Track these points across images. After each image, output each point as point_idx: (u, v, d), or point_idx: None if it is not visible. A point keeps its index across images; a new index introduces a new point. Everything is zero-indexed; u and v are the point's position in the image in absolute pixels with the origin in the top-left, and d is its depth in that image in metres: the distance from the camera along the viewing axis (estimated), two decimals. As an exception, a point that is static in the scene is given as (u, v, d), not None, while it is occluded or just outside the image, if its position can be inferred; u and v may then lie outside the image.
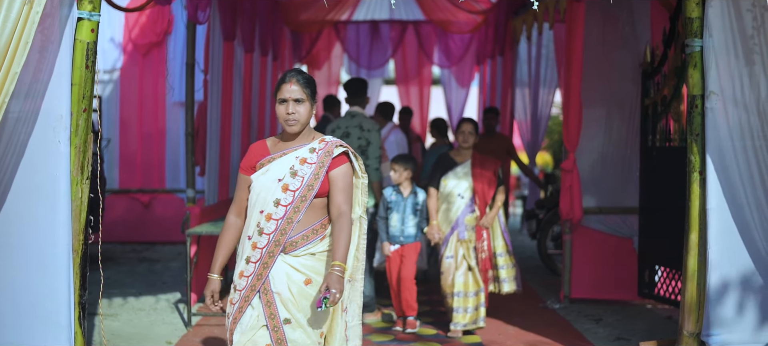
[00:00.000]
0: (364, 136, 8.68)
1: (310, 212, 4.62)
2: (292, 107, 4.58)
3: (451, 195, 8.26)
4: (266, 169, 4.65)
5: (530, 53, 13.22)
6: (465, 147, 8.32)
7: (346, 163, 4.69)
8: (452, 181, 8.27)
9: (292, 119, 4.60)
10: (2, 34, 4.97)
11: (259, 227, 4.60)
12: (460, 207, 8.22)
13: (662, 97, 8.45)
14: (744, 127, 6.01)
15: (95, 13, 5.58)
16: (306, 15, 14.50)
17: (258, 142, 4.83)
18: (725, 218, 6.06)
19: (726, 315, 6.14)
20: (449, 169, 8.30)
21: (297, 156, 4.63)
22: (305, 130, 4.68)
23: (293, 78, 4.63)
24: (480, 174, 8.24)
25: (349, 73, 17.21)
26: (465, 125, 8.34)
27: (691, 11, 6.06)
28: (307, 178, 4.59)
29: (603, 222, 9.49)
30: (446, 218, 8.25)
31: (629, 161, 9.45)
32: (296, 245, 4.60)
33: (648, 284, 9.06)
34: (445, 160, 8.34)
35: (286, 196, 4.58)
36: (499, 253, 8.39)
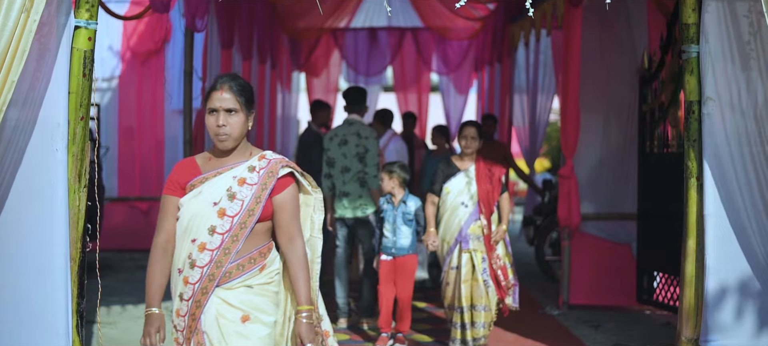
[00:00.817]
0: (362, 143, 8.68)
1: (250, 240, 4.05)
2: (223, 119, 3.98)
3: (454, 203, 7.77)
4: (198, 192, 4.06)
5: (528, 60, 13.24)
6: (468, 152, 7.81)
7: (293, 185, 4.14)
8: (455, 188, 7.78)
9: (223, 133, 4.01)
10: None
11: (191, 259, 4.01)
12: (464, 216, 7.71)
13: (660, 103, 8.46)
14: (741, 132, 6.01)
15: (92, 22, 5.57)
16: (304, 22, 14.54)
17: (185, 159, 4.24)
18: (723, 224, 6.05)
19: (724, 321, 6.13)
20: (451, 175, 7.82)
21: (234, 176, 4.05)
22: (241, 145, 4.10)
23: (225, 84, 4.03)
24: (485, 181, 7.75)
25: (348, 81, 17.23)
26: (468, 129, 7.83)
27: (687, 17, 6.05)
28: (247, 201, 4.01)
29: (601, 228, 9.49)
30: (449, 228, 7.78)
31: (627, 167, 9.46)
32: (230, 275, 4.02)
33: (646, 289, 9.07)
34: (447, 166, 7.90)
35: (222, 222, 3.99)
36: None
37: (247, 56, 10.80)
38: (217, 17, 9.39)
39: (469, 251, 7.69)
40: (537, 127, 13.34)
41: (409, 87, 17.21)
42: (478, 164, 7.81)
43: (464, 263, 7.67)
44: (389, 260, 7.89)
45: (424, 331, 8.48)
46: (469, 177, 7.79)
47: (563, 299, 9.40)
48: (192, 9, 8.46)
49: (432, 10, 14.54)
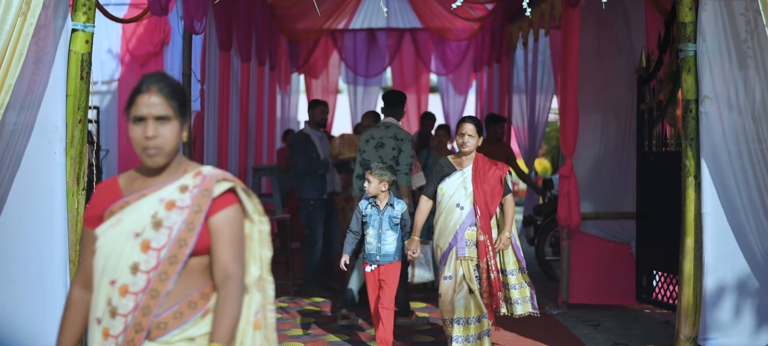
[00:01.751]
0: (398, 146, 8.70)
1: (185, 279, 3.18)
2: (152, 129, 3.14)
3: (449, 205, 7.20)
4: (117, 220, 3.19)
5: (527, 60, 13.24)
6: (465, 151, 7.24)
7: (234, 205, 3.24)
8: (450, 189, 7.22)
9: (152, 147, 3.15)
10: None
11: (111, 306, 3.14)
12: (460, 220, 7.15)
13: (658, 102, 8.46)
14: (739, 130, 6.02)
15: (89, 25, 5.60)
16: (303, 24, 14.55)
17: (106, 180, 3.40)
18: (721, 222, 6.07)
19: (722, 319, 6.15)
20: (447, 175, 7.26)
21: (161, 198, 3.19)
22: (174, 160, 3.26)
23: (153, 86, 3.17)
24: (482, 182, 7.16)
25: (347, 82, 17.23)
26: (465, 125, 7.25)
27: (684, 16, 6.07)
28: (176, 229, 3.16)
29: (600, 228, 9.49)
30: (444, 232, 7.21)
31: (626, 167, 9.45)
32: (165, 327, 3.15)
33: (646, 288, 9.07)
34: (442, 165, 7.36)
35: (147, 258, 3.14)
36: (509, 271, 7.33)
37: (245, 58, 10.81)
38: (216, 20, 9.41)
39: (465, 260, 7.15)
40: (536, 127, 13.35)
41: (408, 88, 17.22)
42: (475, 163, 7.24)
43: (460, 273, 7.14)
44: (373, 270, 7.33)
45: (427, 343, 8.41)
46: (464, 177, 7.22)
47: (563, 298, 9.40)
48: (190, 12, 8.48)
49: (431, 10, 14.56)
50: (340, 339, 8.13)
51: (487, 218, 7.16)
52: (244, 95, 11.07)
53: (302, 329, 8.49)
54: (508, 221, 7.25)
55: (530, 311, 7.35)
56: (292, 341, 7.95)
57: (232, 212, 3.23)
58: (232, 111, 10.34)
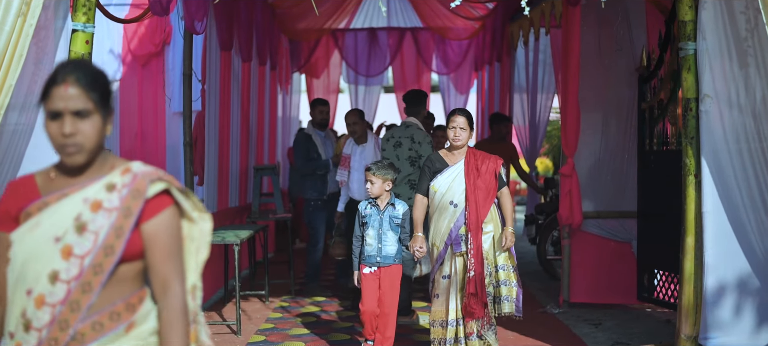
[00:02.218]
0: (415, 148, 8.69)
1: (110, 288, 2.81)
2: (70, 126, 2.76)
3: (442, 203, 6.94)
4: (35, 223, 2.82)
5: (527, 59, 13.24)
6: (457, 145, 6.93)
7: (170, 208, 2.86)
8: (442, 186, 6.94)
9: (71, 145, 2.77)
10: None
11: (25, 319, 2.78)
12: (454, 217, 6.89)
13: (659, 100, 8.46)
14: (739, 129, 6.02)
15: (89, 25, 5.60)
16: (303, 23, 14.54)
17: (21, 177, 3.01)
18: (721, 221, 6.07)
19: (723, 318, 6.15)
20: (438, 172, 6.98)
21: (86, 198, 2.81)
22: (98, 156, 2.87)
23: (70, 76, 2.77)
24: (475, 177, 6.87)
25: (348, 82, 17.23)
26: (457, 117, 6.91)
27: (684, 14, 6.07)
28: (102, 234, 2.78)
29: (601, 226, 9.49)
30: (439, 231, 6.95)
31: (627, 165, 9.45)
32: (83, 339, 2.78)
33: (647, 287, 9.07)
34: (433, 161, 7.06)
35: (68, 265, 2.76)
36: (501, 265, 6.99)
37: (246, 58, 10.81)
38: (216, 19, 9.41)
39: (461, 255, 6.90)
40: (537, 126, 13.36)
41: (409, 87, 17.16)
42: (468, 158, 6.94)
43: (457, 270, 6.90)
44: (373, 272, 7.05)
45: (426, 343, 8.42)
46: (457, 173, 6.94)
47: (564, 297, 9.40)
48: (191, 11, 8.49)
49: (432, 10, 14.55)
50: (342, 339, 8.13)
51: (476, 216, 6.85)
52: (245, 95, 11.07)
53: (303, 329, 8.50)
54: (508, 216, 6.99)
55: (514, 313, 6.97)
56: (294, 341, 7.95)
57: (168, 215, 2.86)
58: (233, 111, 10.35)
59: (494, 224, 6.99)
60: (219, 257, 9.89)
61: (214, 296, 9.92)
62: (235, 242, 8.30)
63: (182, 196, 2.90)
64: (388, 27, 16.40)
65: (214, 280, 9.82)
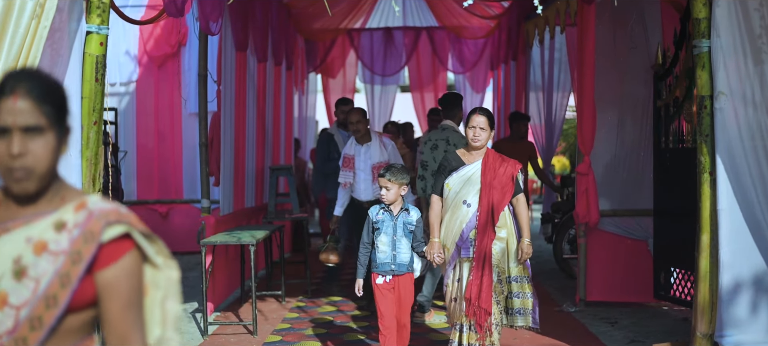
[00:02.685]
0: (450, 149, 8.63)
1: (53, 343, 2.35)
2: (19, 144, 2.30)
3: (455, 202, 6.71)
4: None
5: (543, 57, 13.22)
6: (477, 145, 6.70)
7: (130, 253, 2.37)
8: (457, 184, 6.71)
9: (19, 168, 2.32)
10: (11, 50, 5.03)
11: None
12: (466, 217, 6.65)
13: (674, 98, 8.43)
14: (753, 126, 6.00)
15: (104, 27, 5.63)
16: (319, 23, 14.56)
17: None
18: (736, 219, 6.04)
19: (739, 316, 6.12)
20: (454, 170, 6.76)
21: (29, 237, 2.35)
22: (52, 186, 2.40)
23: (20, 87, 2.31)
24: (491, 178, 6.63)
25: (364, 81, 17.25)
26: (477, 117, 6.69)
27: (698, 12, 6.05)
28: (45, 282, 2.32)
29: (618, 225, 9.47)
30: (450, 232, 6.71)
31: (643, 163, 9.42)
32: None
33: (663, 285, 9.03)
34: (449, 159, 6.84)
35: (2, 317, 2.31)
36: (513, 277, 6.72)
37: (262, 58, 10.84)
38: (231, 20, 9.43)
39: (469, 260, 6.64)
40: (553, 124, 13.33)
41: (425, 86, 17.22)
42: (486, 158, 6.70)
43: (466, 274, 6.65)
44: (388, 282, 6.61)
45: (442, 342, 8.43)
46: (473, 171, 6.70)
47: (580, 296, 9.38)
48: (206, 13, 8.51)
49: (447, 9, 14.55)
50: (358, 339, 8.14)
51: (487, 217, 6.59)
52: (261, 95, 11.10)
53: (320, 329, 8.51)
54: (525, 225, 6.65)
55: (530, 325, 6.79)
56: (310, 341, 7.97)
57: (128, 262, 2.38)
58: (248, 111, 10.38)
59: (508, 231, 6.70)
60: (235, 258, 9.92)
61: (231, 296, 9.95)
62: (251, 243, 8.33)
63: (145, 239, 2.42)
64: (403, 26, 16.42)
65: (231, 280, 9.86)
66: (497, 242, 6.63)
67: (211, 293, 8.83)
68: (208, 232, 8.74)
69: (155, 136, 13.87)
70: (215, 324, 8.62)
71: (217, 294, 9.22)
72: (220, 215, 9.33)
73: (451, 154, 6.87)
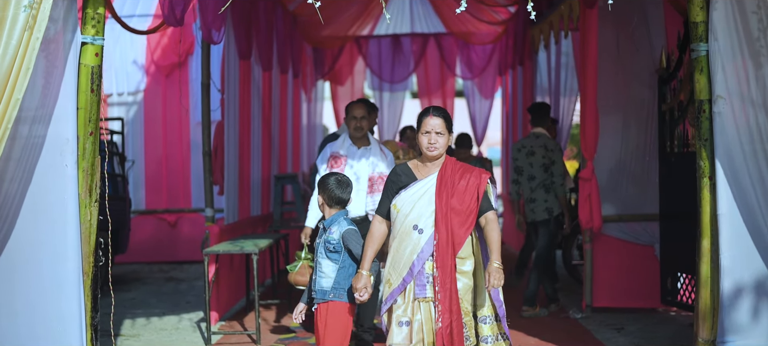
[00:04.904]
0: (548, 155, 9.44)
1: None
2: None
3: (404, 227, 5.42)
4: None
5: (550, 62, 13.18)
6: (432, 155, 5.43)
7: None
8: (406, 205, 5.42)
9: None
10: (3, 61, 5.04)
11: None
12: (417, 246, 5.38)
13: (679, 102, 8.39)
14: (753, 130, 5.95)
15: (98, 38, 5.64)
16: (326, 31, 14.57)
17: None
18: (737, 223, 6.00)
19: (740, 321, 6.07)
20: (403, 187, 5.47)
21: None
22: None
23: None
24: (449, 195, 5.38)
25: (372, 88, 17.25)
26: (430, 119, 5.41)
27: (695, 15, 6.01)
28: None
29: (623, 230, 9.42)
30: (397, 263, 5.43)
31: (648, 168, 9.38)
32: None
33: (670, 291, 8.97)
34: (398, 174, 5.55)
35: None
36: (482, 318, 5.54)
37: (266, 66, 10.84)
38: (234, 29, 9.43)
39: (427, 301, 5.42)
40: (561, 129, 13.27)
41: (433, 93, 17.21)
42: (443, 170, 5.46)
43: (418, 318, 5.42)
44: (315, 310, 5.80)
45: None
46: (426, 188, 5.43)
47: (586, 301, 9.33)
48: (207, 21, 8.51)
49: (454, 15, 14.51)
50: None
51: (448, 246, 5.37)
52: (266, 103, 11.10)
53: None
54: (495, 248, 5.34)
55: None
56: (312, 349, 7.94)
57: None
58: (253, 119, 10.37)
59: (475, 261, 5.55)
60: (241, 267, 9.91)
61: (236, 305, 9.94)
62: (254, 252, 8.32)
63: None
64: (411, 33, 16.42)
65: (235, 290, 9.85)
66: (460, 276, 5.45)
67: (216, 302, 8.82)
68: (213, 241, 8.74)
69: (163, 146, 13.90)
70: (219, 333, 8.62)
71: (222, 303, 9.21)
72: (225, 224, 9.33)
73: (401, 167, 5.61)
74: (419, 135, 5.46)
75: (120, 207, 11.15)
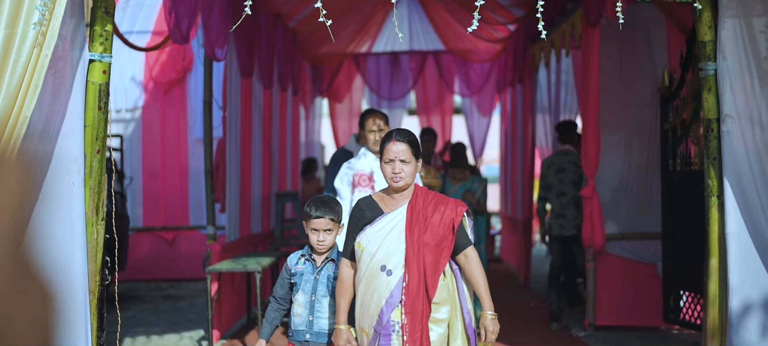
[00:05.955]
0: (578, 172, 9.58)
1: None
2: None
3: (370, 269, 4.75)
4: None
5: (550, 80, 13.20)
6: (398, 185, 4.76)
7: None
8: (372, 242, 4.76)
9: None
10: (12, 78, 5.01)
11: None
12: (387, 290, 4.71)
13: (681, 121, 8.39)
14: (761, 149, 5.94)
15: (106, 55, 5.61)
16: (325, 49, 14.56)
17: None
18: (745, 242, 5.98)
19: (749, 340, 6.04)
20: (368, 223, 4.82)
21: None
22: None
23: None
24: (421, 230, 4.72)
25: (371, 105, 17.25)
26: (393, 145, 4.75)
27: (703, 35, 6.01)
28: None
29: (626, 248, 9.42)
30: (367, 310, 4.77)
31: (650, 186, 9.38)
32: None
33: (673, 309, 8.96)
34: (362, 208, 4.89)
35: None
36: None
37: (267, 84, 10.82)
38: (237, 46, 9.42)
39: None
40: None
41: (432, 110, 17.21)
42: (413, 202, 4.80)
43: None
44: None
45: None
46: (394, 223, 4.78)
47: (589, 320, 9.31)
48: (211, 39, 8.50)
49: (453, 32, 14.54)
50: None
51: (420, 291, 4.70)
52: (267, 121, 11.08)
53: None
54: (483, 291, 4.76)
55: None
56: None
57: None
58: (254, 137, 10.35)
59: (452, 306, 4.87)
60: (242, 285, 9.87)
61: (238, 323, 9.89)
62: (257, 270, 8.28)
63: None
64: (409, 50, 16.43)
65: (237, 308, 9.81)
66: (433, 326, 4.78)
67: (217, 320, 8.78)
68: (214, 259, 8.70)
69: (161, 163, 13.86)
70: (221, 352, 8.58)
71: (224, 322, 9.16)
72: (226, 242, 9.30)
73: (364, 200, 4.94)
74: (382, 163, 4.80)
75: (120, 225, 11.10)
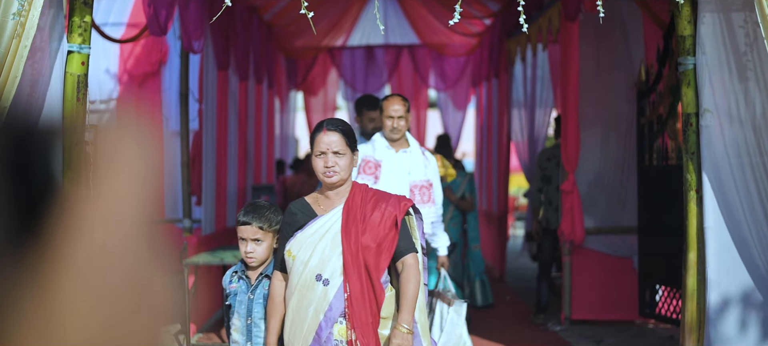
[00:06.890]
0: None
1: None
2: None
3: (304, 279, 4.12)
4: None
5: (525, 74, 13.21)
6: (330, 181, 4.21)
7: None
8: (304, 250, 4.14)
9: None
10: (-9, 69, 4.95)
11: None
12: (325, 303, 4.09)
13: (658, 115, 8.43)
14: (740, 143, 5.98)
15: (85, 46, 5.56)
16: (300, 42, 14.52)
17: None
18: (723, 236, 6.01)
19: (727, 334, 6.08)
20: (299, 228, 4.19)
21: None
22: None
23: None
24: (358, 232, 4.13)
25: (345, 99, 17.22)
26: (324, 135, 4.21)
27: (683, 29, 6.03)
28: None
29: (602, 242, 9.45)
30: (300, 327, 4.12)
31: (626, 181, 9.43)
32: None
33: (649, 303, 9.01)
34: (293, 212, 4.27)
35: None
36: None
37: (243, 77, 10.78)
38: (213, 39, 9.37)
39: None
40: (536, 141, 13.29)
41: (407, 103, 17.18)
42: (350, 201, 4.23)
43: None
44: None
45: None
46: (328, 226, 4.19)
47: (565, 314, 9.34)
48: (188, 31, 8.44)
49: (429, 27, 14.54)
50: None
51: (366, 299, 4.10)
52: (243, 114, 11.03)
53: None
54: (406, 305, 4.09)
55: None
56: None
57: None
58: (230, 130, 10.31)
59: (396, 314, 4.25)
60: (218, 278, 9.81)
61: (214, 316, 9.85)
62: (234, 263, 8.22)
63: None
64: (385, 44, 16.40)
65: (213, 301, 9.76)
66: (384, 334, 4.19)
67: (194, 314, 8.73)
68: (191, 252, 8.65)
69: (136, 155, 13.76)
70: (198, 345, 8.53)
71: (200, 315, 9.12)
72: (203, 235, 9.25)
73: (296, 203, 4.36)
74: (313, 157, 4.27)
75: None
